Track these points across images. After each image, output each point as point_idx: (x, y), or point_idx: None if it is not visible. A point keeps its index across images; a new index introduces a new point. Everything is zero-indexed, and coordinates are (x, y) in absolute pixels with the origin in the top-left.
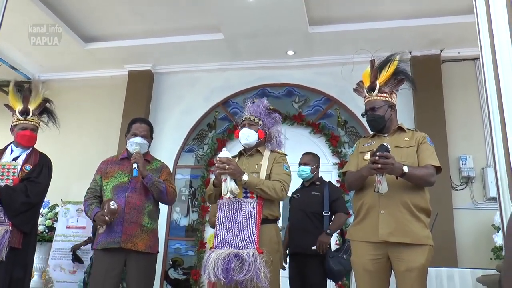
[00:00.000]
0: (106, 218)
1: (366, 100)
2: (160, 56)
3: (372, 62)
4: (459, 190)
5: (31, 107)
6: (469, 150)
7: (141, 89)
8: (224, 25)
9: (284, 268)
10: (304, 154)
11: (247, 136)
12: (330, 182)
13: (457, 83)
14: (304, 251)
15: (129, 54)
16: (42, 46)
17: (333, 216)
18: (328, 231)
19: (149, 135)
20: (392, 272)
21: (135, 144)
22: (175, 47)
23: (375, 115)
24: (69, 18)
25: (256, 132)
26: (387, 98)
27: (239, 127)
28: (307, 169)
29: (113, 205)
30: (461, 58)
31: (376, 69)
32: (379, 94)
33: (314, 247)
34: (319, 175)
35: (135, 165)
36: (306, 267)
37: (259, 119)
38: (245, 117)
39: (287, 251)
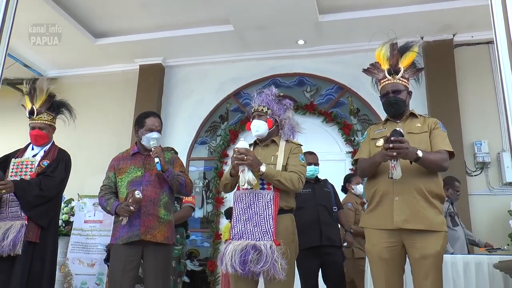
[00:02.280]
0: (131, 208)
1: (387, 82)
2: (171, 49)
3: (393, 46)
4: (474, 175)
5: (36, 105)
6: (484, 135)
7: (152, 83)
8: (233, 17)
9: None
10: (308, 154)
11: (258, 127)
12: (326, 179)
13: (470, 68)
14: (332, 243)
15: (139, 49)
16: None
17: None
18: (350, 230)
19: (161, 130)
20: (407, 259)
21: (152, 139)
22: (185, 40)
23: (398, 98)
24: (79, 14)
25: (265, 122)
26: (406, 84)
27: (250, 119)
28: (317, 169)
29: (138, 194)
30: (475, 42)
31: (398, 53)
32: (401, 79)
33: (345, 244)
34: None
35: (157, 160)
36: (333, 257)
37: (268, 108)
38: (254, 109)
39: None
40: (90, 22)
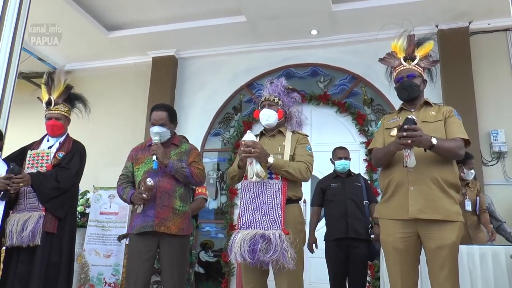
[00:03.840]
0: (144, 195)
1: (402, 68)
2: (183, 41)
3: (410, 37)
4: (490, 165)
5: (54, 96)
6: (500, 125)
7: (165, 75)
8: (245, 7)
9: (312, 252)
10: (339, 149)
11: (268, 116)
12: (360, 174)
13: (487, 56)
14: (358, 236)
15: (152, 41)
16: (66, 37)
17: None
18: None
19: (168, 121)
20: (422, 250)
21: (153, 134)
22: (198, 31)
23: (412, 82)
24: (92, 7)
25: (276, 112)
26: (421, 72)
27: (259, 108)
28: (348, 163)
29: (149, 181)
30: (491, 30)
31: (415, 43)
32: (417, 66)
33: (372, 236)
34: None
35: (154, 157)
36: (358, 249)
37: (279, 99)
38: (265, 98)
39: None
40: (102, 15)
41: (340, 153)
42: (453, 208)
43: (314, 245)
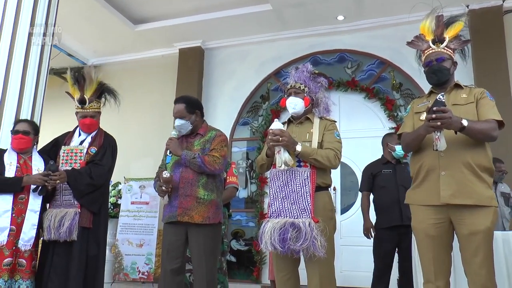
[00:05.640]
0: (163, 188)
1: (431, 51)
2: (209, 32)
3: (438, 18)
4: None
5: (87, 95)
6: None
7: (192, 66)
8: None
9: (369, 237)
10: (394, 134)
11: (294, 105)
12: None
13: None
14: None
15: (178, 32)
16: (94, 32)
17: None
18: None
19: (186, 113)
20: (455, 236)
21: (173, 128)
22: (223, 21)
23: (442, 66)
24: (117, 2)
25: (302, 99)
26: (451, 54)
27: (285, 96)
28: None
29: (165, 174)
30: None
31: (443, 24)
32: (446, 48)
33: None
34: None
35: (168, 152)
36: (410, 236)
37: (305, 86)
38: (291, 85)
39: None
40: (128, 8)
41: (396, 137)
42: (487, 193)
43: (372, 230)
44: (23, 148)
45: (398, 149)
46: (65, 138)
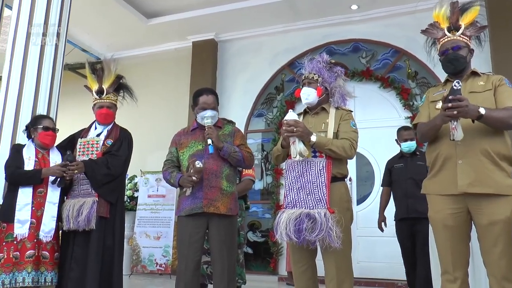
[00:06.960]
0: (194, 178)
1: (446, 40)
2: (222, 24)
3: (453, 4)
4: None
5: (105, 85)
6: None
7: (206, 59)
8: None
9: (382, 230)
10: (403, 130)
11: (308, 95)
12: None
13: None
14: (419, 215)
15: (191, 25)
16: (107, 27)
17: None
18: None
19: (216, 105)
20: (473, 226)
21: (206, 118)
22: (236, 13)
23: (458, 54)
24: None
25: (315, 89)
26: (468, 42)
27: (300, 86)
28: (414, 143)
29: (198, 164)
30: None
31: (459, 11)
32: (462, 36)
33: None
34: None
35: (209, 141)
36: (422, 227)
37: (319, 76)
38: (304, 76)
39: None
40: (141, 2)
41: (405, 134)
42: (506, 181)
43: (383, 223)
44: (53, 144)
45: (404, 146)
46: (81, 133)
